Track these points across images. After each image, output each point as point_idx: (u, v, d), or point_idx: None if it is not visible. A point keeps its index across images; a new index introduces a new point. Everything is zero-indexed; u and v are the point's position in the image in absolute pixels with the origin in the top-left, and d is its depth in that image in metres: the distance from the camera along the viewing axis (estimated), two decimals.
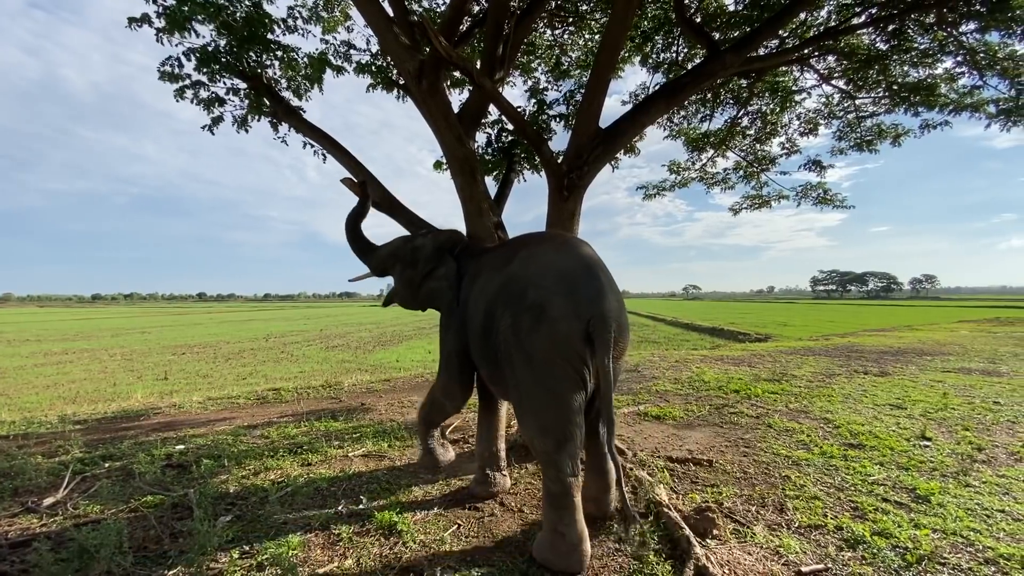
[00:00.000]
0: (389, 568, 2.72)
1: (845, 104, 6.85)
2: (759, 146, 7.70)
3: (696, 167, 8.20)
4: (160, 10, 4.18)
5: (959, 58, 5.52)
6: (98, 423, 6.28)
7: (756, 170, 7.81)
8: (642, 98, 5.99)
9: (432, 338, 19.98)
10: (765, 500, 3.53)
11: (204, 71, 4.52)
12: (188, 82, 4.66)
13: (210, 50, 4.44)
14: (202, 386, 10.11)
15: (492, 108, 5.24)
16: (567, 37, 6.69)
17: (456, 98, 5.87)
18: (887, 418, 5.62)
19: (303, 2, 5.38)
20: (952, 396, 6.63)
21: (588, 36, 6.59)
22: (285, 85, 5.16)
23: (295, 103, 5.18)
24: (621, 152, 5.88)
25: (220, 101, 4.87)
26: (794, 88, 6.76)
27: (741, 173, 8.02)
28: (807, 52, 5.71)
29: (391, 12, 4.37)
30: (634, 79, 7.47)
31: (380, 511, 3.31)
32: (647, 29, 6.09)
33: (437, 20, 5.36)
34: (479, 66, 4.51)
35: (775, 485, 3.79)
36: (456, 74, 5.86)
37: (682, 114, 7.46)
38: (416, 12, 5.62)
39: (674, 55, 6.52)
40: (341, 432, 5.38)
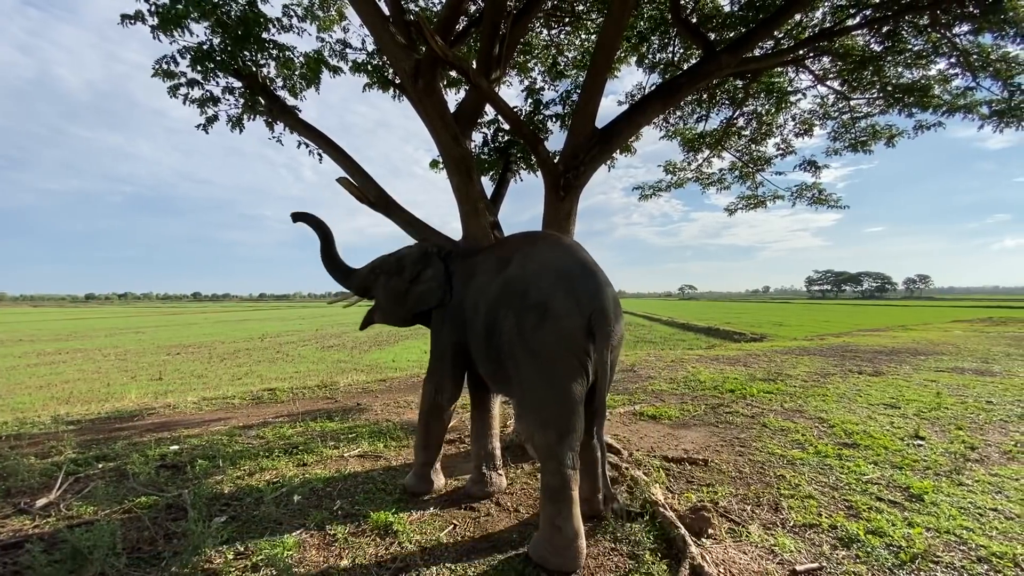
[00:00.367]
0: (385, 568, 2.71)
1: (840, 105, 6.89)
2: (754, 146, 7.74)
3: (692, 167, 8.24)
4: (152, 7, 4.14)
5: (952, 60, 5.56)
6: (91, 423, 6.23)
7: (751, 170, 7.85)
8: (638, 98, 6.00)
9: (427, 339, 19.96)
10: (760, 499, 3.55)
11: (199, 69, 4.48)
12: (183, 80, 4.63)
13: (205, 48, 4.40)
14: (197, 386, 10.05)
15: (488, 108, 5.24)
16: (563, 37, 6.70)
17: (452, 98, 5.86)
18: (881, 417, 5.65)
19: (298, 0, 5.35)
20: (946, 396, 6.68)
21: (584, 36, 6.60)
22: (280, 84, 5.13)
23: (290, 102, 5.14)
24: (617, 152, 5.90)
25: (215, 100, 4.84)
26: (789, 89, 6.79)
27: (737, 173, 8.05)
28: (802, 53, 5.74)
29: (387, 11, 4.35)
30: (630, 79, 7.49)
31: (376, 511, 3.31)
32: (643, 29, 6.11)
33: (433, 19, 5.34)
34: (475, 66, 4.50)
35: (770, 484, 3.81)
36: (452, 74, 5.85)
37: (678, 114, 7.49)
38: (412, 11, 5.61)
39: (670, 55, 6.55)
40: (337, 432, 5.37)
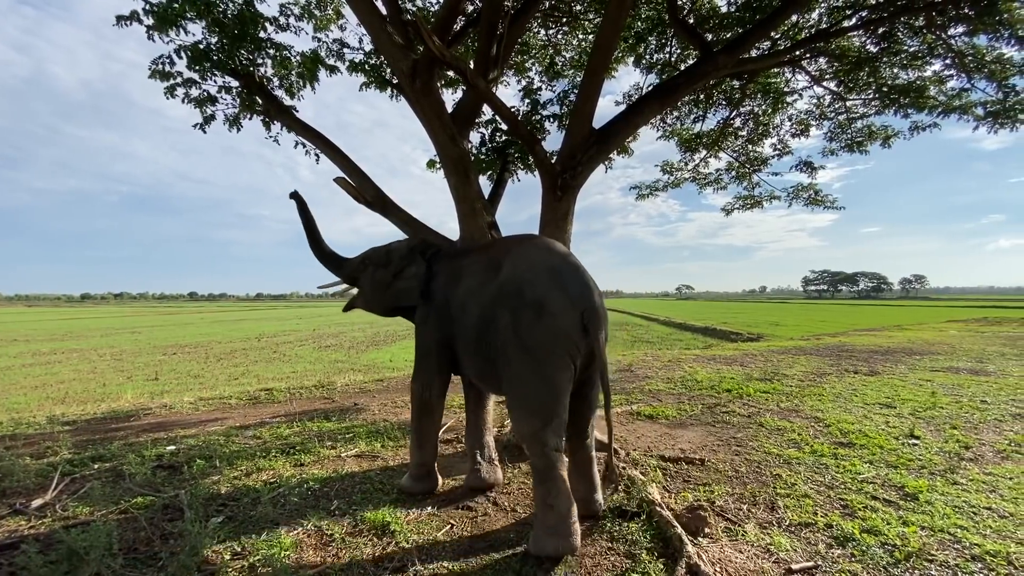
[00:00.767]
0: (382, 568, 2.71)
1: (836, 105, 6.91)
2: (751, 147, 7.76)
3: (689, 167, 8.25)
4: (148, 7, 4.12)
5: (948, 61, 5.59)
6: (87, 424, 6.21)
7: (748, 171, 7.88)
8: (635, 99, 6.01)
9: None
10: (756, 498, 3.56)
11: (195, 69, 4.47)
12: (179, 80, 4.62)
13: (201, 48, 4.39)
14: (193, 386, 10.03)
15: (486, 108, 5.24)
16: (561, 37, 6.71)
17: (450, 97, 5.87)
18: (877, 417, 5.68)
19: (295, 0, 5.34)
20: (940, 395, 6.72)
21: (582, 36, 6.61)
22: (277, 83, 5.12)
23: (288, 102, 5.13)
24: (615, 152, 5.91)
25: (212, 99, 4.82)
26: (786, 89, 6.81)
27: (733, 174, 8.08)
28: (799, 54, 5.76)
29: (384, 11, 4.35)
30: (628, 79, 7.54)
31: (373, 511, 3.31)
32: (640, 30, 6.12)
33: (431, 19, 5.34)
34: (473, 66, 4.50)
35: (766, 484, 3.83)
36: (450, 74, 5.85)
37: (675, 115, 7.51)
38: (409, 11, 5.60)
39: (667, 56, 6.56)
40: (334, 432, 5.36)
